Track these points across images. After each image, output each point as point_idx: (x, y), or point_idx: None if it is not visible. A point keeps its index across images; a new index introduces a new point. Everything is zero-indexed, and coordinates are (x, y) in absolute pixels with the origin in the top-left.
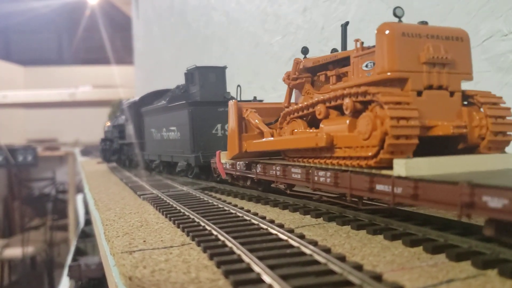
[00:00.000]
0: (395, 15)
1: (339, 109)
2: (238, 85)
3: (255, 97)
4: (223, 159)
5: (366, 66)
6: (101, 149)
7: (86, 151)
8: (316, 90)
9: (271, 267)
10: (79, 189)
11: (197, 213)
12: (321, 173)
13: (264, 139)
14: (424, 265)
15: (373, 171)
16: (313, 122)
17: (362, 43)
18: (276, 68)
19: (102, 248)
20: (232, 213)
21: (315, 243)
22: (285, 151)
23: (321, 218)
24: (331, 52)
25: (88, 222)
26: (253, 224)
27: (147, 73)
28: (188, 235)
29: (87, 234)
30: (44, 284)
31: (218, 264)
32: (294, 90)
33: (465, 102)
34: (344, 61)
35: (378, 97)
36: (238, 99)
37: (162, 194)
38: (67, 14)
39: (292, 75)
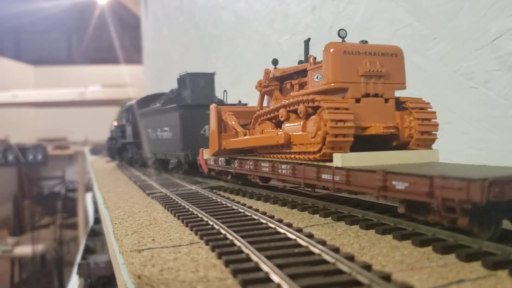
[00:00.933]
0: (339, 35)
1: (297, 112)
2: (225, 90)
3: (240, 101)
4: (205, 156)
5: (317, 77)
6: (107, 147)
7: (95, 150)
8: (283, 96)
9: (280, 266)
10: (89, 188)
11: (206, 212)
12: (283, 166)
13: (238, 138)
14: (433, 265)
15: (319, 163)
16: (279, 124)
17: (315, 58)
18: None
19: (111, 246)
20: (240, 212)
21: (323, 243)
22: (256, 148)
23: (330, 218)
24: (298, 63)
25: (97, 220)
26: (262, 223)
27: (156, 72)
28: (196, 234)
29: (96, 233)
30: (54, 282)
31: (227, 263)
32: (266, 96)
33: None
34: (305, 72)
35: (322, 104)
36: (226, 102)
37: (171, 193)
38: (76, 14)
39: (263, 83)
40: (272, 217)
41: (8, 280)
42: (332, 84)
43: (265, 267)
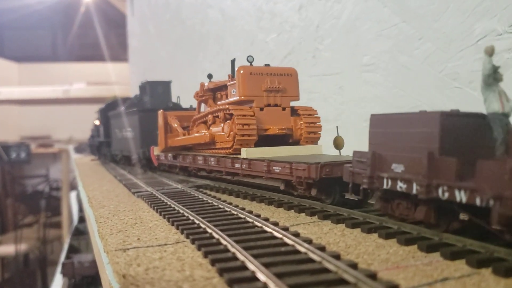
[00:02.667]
0: (247, 61)
1: (219, 118)
2: (178, 96)
3: (191, 105)
4: (155, 152)
5: (233, 91)
6: (89, 144)
7: (80, 148)
8: (215, 104)
9: (266, 265)
10: (73, 187)
11: (192, 211)
12: (212, 159)
13: (179, 138)
14: (418, 263)
15: (233, 156)
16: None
17: (232, 76)
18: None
19: (95, 245)
20: (226, 211)
21: (309, 241)
22: (193, 146)
23: (316, 216)
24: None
25: (81, 219)
26: (248, 222)
27: (142, 70)
28: (182, 233)
29: (80, 232)
30: (37, 281)
31: (213, 262)
32: (202, 103)
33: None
34: (227, 87)
35: (233, 111)
36: (182, 106)
37: (157, 191)
38: (61, 11)
39: (199, 94)
40: (258, 215)
41: None
42: (242, 97)
43: (251, 266)
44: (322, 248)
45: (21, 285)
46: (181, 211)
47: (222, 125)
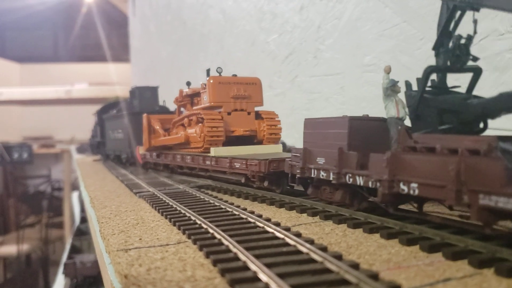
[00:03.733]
0: (217, 71)
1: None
2: (164, 100)
3: (176, 109)
4: (141, 151)
5: (205, 98)
6: (90, 144)
7: (81, 149)
8: (192, 109)
9: (268, 266)
10: (75, 187)
11: (193, 211)
12: (188, 157)
13: (160, 138)
14: (420, 263)
15: (204, 154)
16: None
17: (204, 84)
18: (272, 67)
19: (97, 246)
20: (228, 211)
21: (311, 242)
22: (173, 146)
23: (318, 217)
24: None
25: (83, 220)
26: (250, 222)
27: (143, 70)
28: (184, 233)
29: (82, 232)
30: (39, 281)
31: (214, 262)
32: (182, 107)
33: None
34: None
35: (204, 116)
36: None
37: (159, 192)
38: (63, 11)
39: (179, 99)
40: (260, 216)
41: None
42: (212, 103)
43: (253, 266)
44: (324, 249)
45: (23, 285)
46: (183, 212)
47: (195, 127)
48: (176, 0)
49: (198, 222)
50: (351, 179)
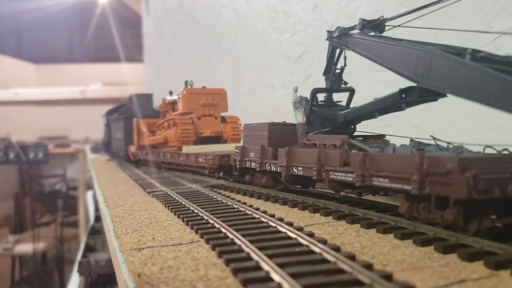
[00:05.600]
0: (189, 84)
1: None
2: (155, 106)
3: (160, 114)
4: (132, 150)
5: (180, 106)
6: (102, 143)
7: (96, 148)
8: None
9: (280, 266)
10: (89, 186)
11: (206, 211)
12: (168, 154)
13: (147, 139)
14: (435, 264)
15: (178, 152)
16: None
17: (179, 94)
18: (285, 66)
19: (111, 244)
20: (241, 211)
21: (324, 242)
22: (157, 145)
23: (331, 217)
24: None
25: (98, 219)
26: (262, 222)
27: (157, 70)
28: (197, 233)
29: (97, 231)
30: (55, 280)
31: (227, 262)
32: (165, 113)
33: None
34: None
35: (177, 120)
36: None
37: (171, 191)
38: (78, 13)
39: (162, 106)
40: (272, 215)
41: (9, 278)
42: (185, 110)
43: (265, 266)
44: (337, 249)
45: (39, 283)
46: (196, 211)
47: (171, 130)
48: (189, 0)
49: (211, 221)
50: (268, 167)
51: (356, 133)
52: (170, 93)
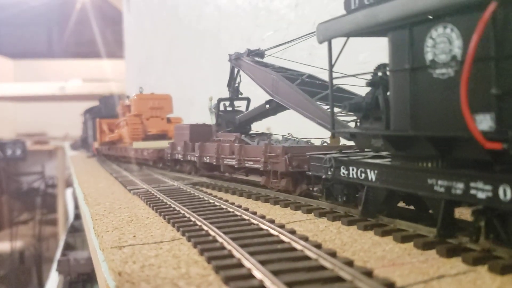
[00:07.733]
0: (139, 91)
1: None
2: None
3: (125, 114)
4: (95, 146)
5: (132, 108)
6: (80, 140)
7: (75, 145)
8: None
9: (262, 263)
10: (69, 184)
11: (188, 208)
12: (123, 149)
13: (106, 136)
14: (415, 261)
15: (130, 147)
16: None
17: (131, 99)
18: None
19: (91, 243)
20: (222, 208)
21: (306, 239)
22: (115, 141)
23: (312, 214)
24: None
25: (77, 216)
26: (244, 219)
27: (138, 66)
28: (178, 230)
29: (76, 229)
30: (33, 278)
31: (209, 260)
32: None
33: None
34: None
35: (128, 121)
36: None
37: (153, 189)
38: (57, 8)
39: (120, 108)
40: (254, 213)
41: None
42: (136, 112)
43: (247, 264)
44: (318, 246)
45: (16, 282)
46: (177, 209)
47: (125, 128)
48: None
49: (193, 219)
50: (191, 158)
51: (268, 132)
52: (127, 97)
